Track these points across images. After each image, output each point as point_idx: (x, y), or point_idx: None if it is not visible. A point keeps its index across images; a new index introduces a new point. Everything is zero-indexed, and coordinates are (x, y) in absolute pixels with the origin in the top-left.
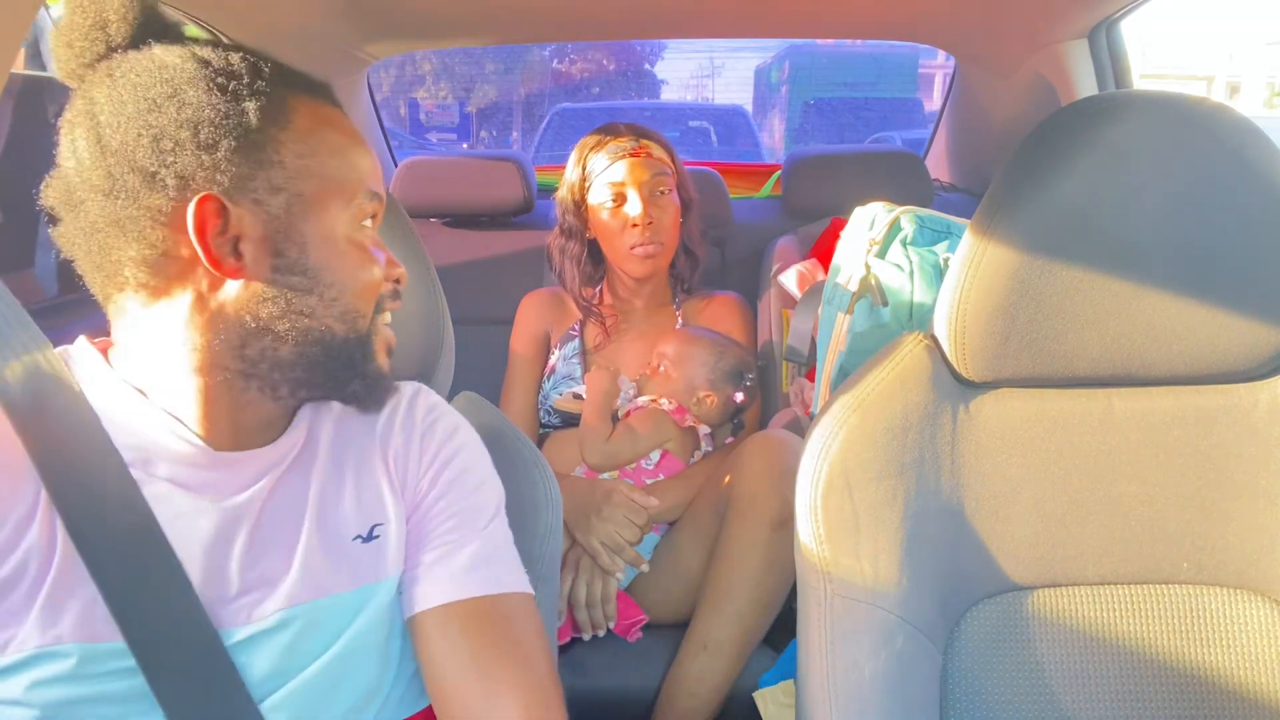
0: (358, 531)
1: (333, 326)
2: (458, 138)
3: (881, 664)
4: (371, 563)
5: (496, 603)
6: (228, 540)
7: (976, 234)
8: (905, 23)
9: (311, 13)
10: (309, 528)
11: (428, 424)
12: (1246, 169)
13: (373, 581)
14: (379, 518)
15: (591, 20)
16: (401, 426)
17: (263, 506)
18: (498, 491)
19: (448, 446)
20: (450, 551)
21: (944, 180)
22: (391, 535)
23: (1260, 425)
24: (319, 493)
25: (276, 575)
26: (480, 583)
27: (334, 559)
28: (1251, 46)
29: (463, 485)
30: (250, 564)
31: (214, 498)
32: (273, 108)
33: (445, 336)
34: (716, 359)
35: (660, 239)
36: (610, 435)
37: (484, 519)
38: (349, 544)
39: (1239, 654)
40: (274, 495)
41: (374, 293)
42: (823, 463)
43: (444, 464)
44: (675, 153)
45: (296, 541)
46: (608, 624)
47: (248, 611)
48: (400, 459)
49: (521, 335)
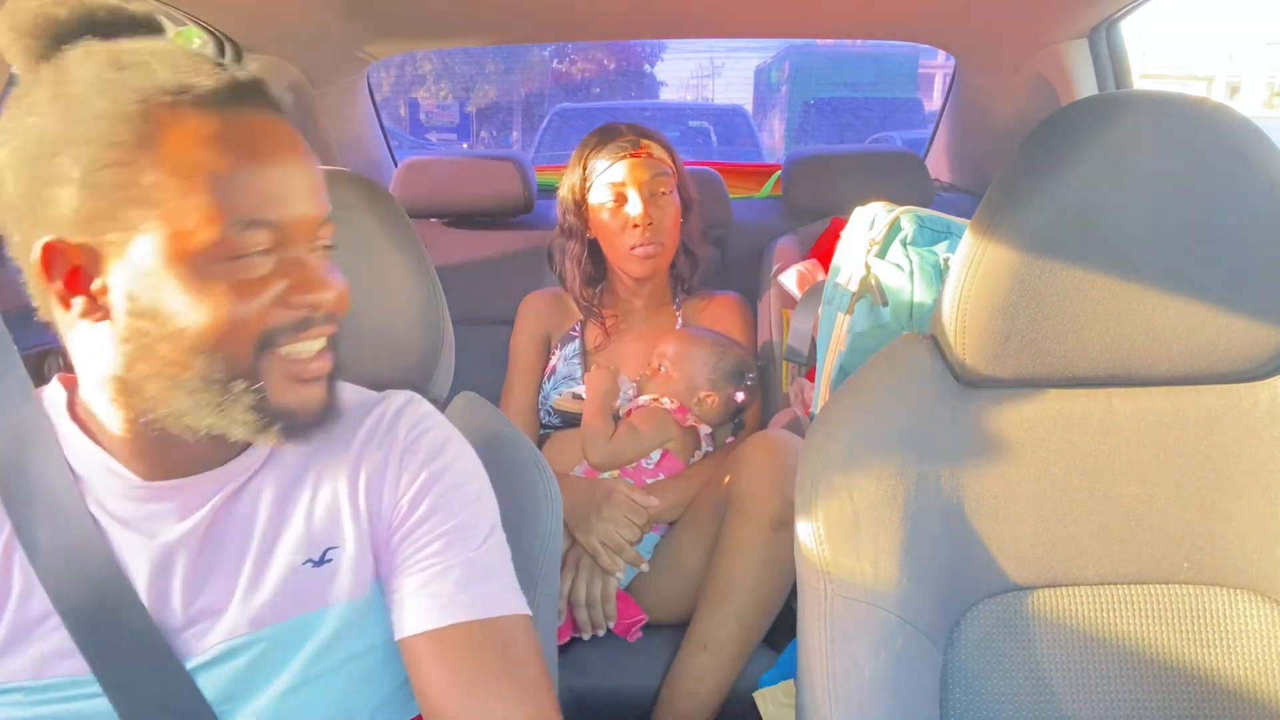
0: (309, 555)
1: (204, 372)
2: (458, 138)
3: (881, 664)
4: (320, 589)
5: (489, 626)
6: (165, 575)
7: (976, 234)
8: (905, 23)
9: (311, 13)
10: (254, 555)
11: (410, 441)
12: (1246, 169)
13: (320, 608)
14: (333, 541)
15: (591, 20)
16: (380, 443)
17: (203, 537)
18: (492, 508)
19: (433, 465)
20: (439, 574)
21: (944, 180)
22: (346, 559)
23: (1260, 425)
24: (269, 516)
25: (218, 607)
26: (471, 606)
27: (278, 587)
28: (1251, 46)
29: (450, 504)
30: (191, 597)
31: (148, 533)
32: (140, 127)
33: (445, 336)
34: (717, 359)
35: (660, 239)
36: (613, 435)
37: (476, 539)
38: (298, 569)
39: (1239, 654)
40: (215, 523)
41: (245, 333)
42: (822, 463)
43: (428, 483)
44: (676, 153)
45: (239, 571)
46: (607, 624)
47: (192, 644)
48: (375, 479)
49: (522, 335)
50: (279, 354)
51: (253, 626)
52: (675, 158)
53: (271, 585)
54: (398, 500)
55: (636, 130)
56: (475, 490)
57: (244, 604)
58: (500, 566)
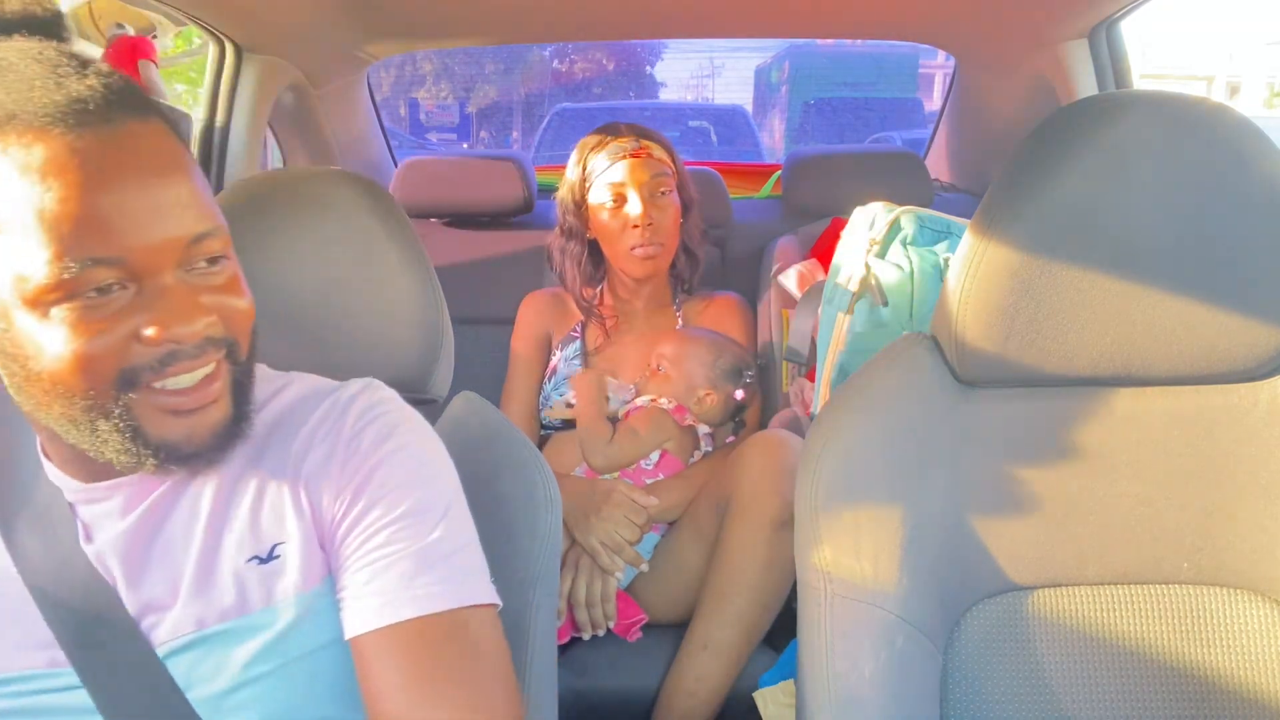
0: (255, 552)
1: (66, 413)
2: (458, 138)
3: (881, 664)
4: (266, 586)
5: (440, 621)
6: (106, 574)
7: (976, 234)
8: (905, 23)
9: (311, 13)
10: (196, 553)
11: (355, 431)
12: (1246, 169)
13: (265, 606)
14: (279, 537)
15: (591, 20)
16: (324, 437)
17: (146, 533)
18: (449, 489)
19: (377, 453)
20: (385, 568)
21: (944, 180)
22: (292, 555)
23: (1260, 425)
24: (211, 512)
25: (162, 604)
26: (419, 601)
27: (222, 585)
28: (1251, 46)
29: (397, 494)
30: (134, 594)
31: (93, 533)
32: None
33: (445, 336)
34: (715, 358)
35: (660, 240)
36: (612, 437)
37: (427, 525)
38: (242, 567)
39: (1239, 654)
40: (155, 520)
41: (99, 374)
42: (823, 463)
43: (371, 472)
44: (676, 153)
45: (181, 571)
46: (607, 623)
47: (146, 635)
48: (317, 473)
49: (523, 336)
50: (152, 388)
51: (197, 625)
52: (675, 158)
53: (217, 583)
54: (339, 492)
55: (636, 130)
56: (426, 475)
57: (189, 602)
58: (457, 553)
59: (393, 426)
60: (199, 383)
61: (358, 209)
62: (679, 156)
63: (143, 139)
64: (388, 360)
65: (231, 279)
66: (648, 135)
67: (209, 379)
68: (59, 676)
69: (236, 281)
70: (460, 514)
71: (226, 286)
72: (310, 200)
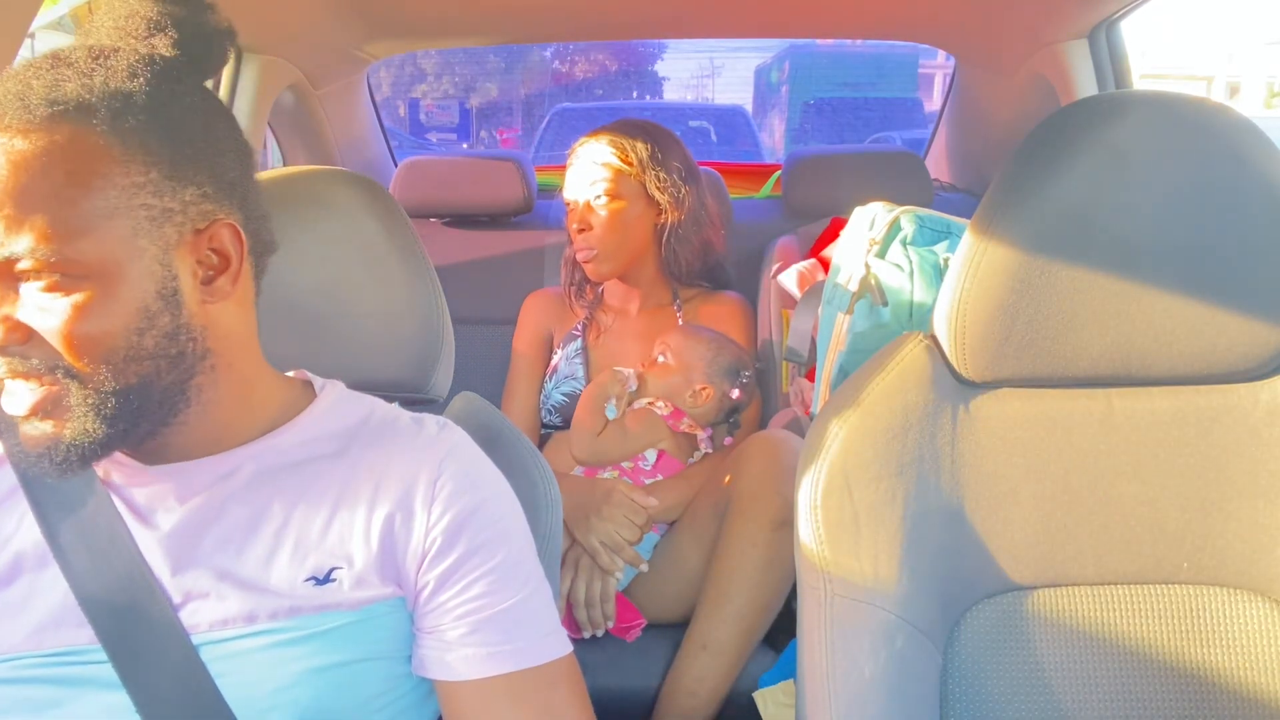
0: (312, 573)
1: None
2: (458, 138)
3: (881, 664)
4: (317, 600)
5: (536, 674)
6: (149, 557)
7: (976, 234)
8: (905, 23)
9: (311, 13)
10: (252, 554)
11: (441, 470)
12: (1246, 169)
13: (314, 613)
14: (339, 561)
15: (592, 20)
16: (406, 472)
17: (187, 525)
18: (529, 543)
19: (469, 497)
20: (487, 620)
21: (944, 180)
22: (347, 579)
23: (1260, 425)
24: (272, 519)
25: (205, 594)
26: (518, 655)
27: (273, 590)
28: (1251, 46)
29: (491, 542)
30: (178, 580)
31: (141, 520)
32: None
33: (445, 336)
34: (714, 354)
35: (592, 244)
36: (600, 431)
37: (520, 578)
38: (295, 580)
39: (1239, 654)
40: (204, 514)
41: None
42: (822, 463)
43: (464, 518)
44: (648, 151)
45: (232, 568)
46: (606, 624)
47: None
48: (402, 505)
49: (524, 335)
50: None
51: (247, 621)
52: (642, 155)
53: (267, 587)
54: (429, 530)
55: (596, 131)
56: (518, 526)
57: (235, 598)
58: (545, 608)
59: (480, 473)
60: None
61: (358, 209)
62: (657, 153)
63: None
64: (388, 360)
65: (76, 305)
66: (604, 133)
67: (29, 394)
68: (98, 652)
69: (82, 308)
70: (540, 567)
71: (64, 309)
72: (310, 200)
